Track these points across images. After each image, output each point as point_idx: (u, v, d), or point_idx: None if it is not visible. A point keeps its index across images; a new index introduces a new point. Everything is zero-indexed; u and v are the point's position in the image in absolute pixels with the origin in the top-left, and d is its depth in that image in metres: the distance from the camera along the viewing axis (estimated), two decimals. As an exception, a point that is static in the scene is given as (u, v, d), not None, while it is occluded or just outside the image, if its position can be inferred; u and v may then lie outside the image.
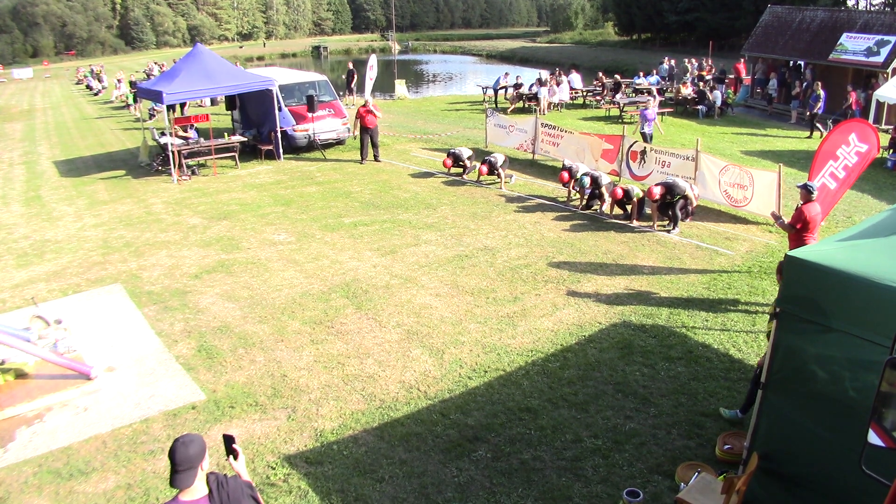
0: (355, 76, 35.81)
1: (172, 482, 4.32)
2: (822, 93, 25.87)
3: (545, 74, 34.24)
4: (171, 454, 4.29)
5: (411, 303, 11.90)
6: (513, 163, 21.55)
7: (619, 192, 15.38)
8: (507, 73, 36.46)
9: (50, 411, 9.39)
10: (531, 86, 33.61)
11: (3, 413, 9.28)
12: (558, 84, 33.09)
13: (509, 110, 31.45)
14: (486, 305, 11.68)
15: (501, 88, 35.36)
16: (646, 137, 21.92)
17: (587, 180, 16.22)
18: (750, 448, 6.72)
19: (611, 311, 11.38)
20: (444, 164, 19.90)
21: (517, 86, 34.06)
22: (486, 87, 37.00)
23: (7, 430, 9.02)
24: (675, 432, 8.20)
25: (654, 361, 9.79)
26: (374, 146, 22.50)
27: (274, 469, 7.86)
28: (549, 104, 31.84)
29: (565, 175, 16.89)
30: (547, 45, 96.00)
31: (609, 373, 9.53)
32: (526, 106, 32.44)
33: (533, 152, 21.86)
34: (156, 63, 55.87)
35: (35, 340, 10.15)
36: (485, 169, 18.70)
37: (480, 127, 25.78)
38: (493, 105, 33.56)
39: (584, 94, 34.57)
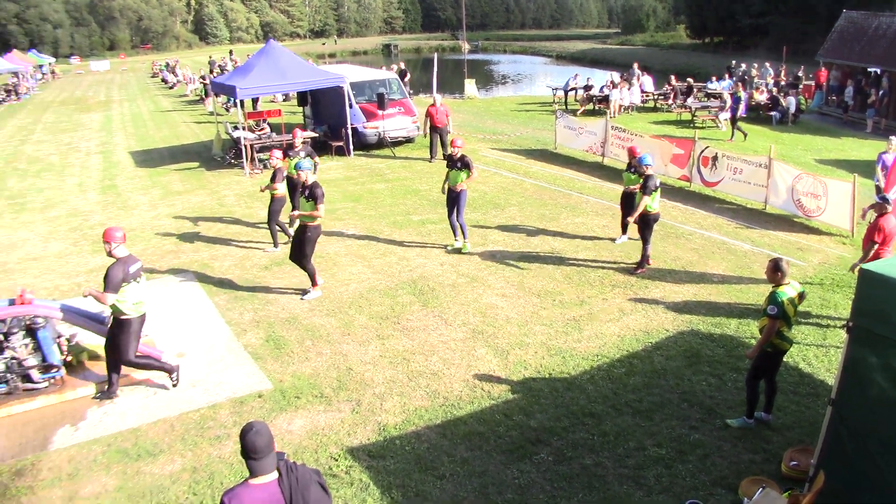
0: (408, 75, 35.66)
1: (255, 470, 4.47)
2: (742, 95, 25.96)
3: (616, 76, 33.88)
4: (250, 443, 4.42)
5: (477, 302, 11.92)
6: (581, 165, 21.45)
7: None
8: (577, 75, 36.23)
9: (121, 393, 9.62)
10: (601, 88, 33.33)
11: (76, 392, 9.57)
12: (629, 87, 32.74)
13: (579, 112, 31.25)
14: (552, 308, 11.64)
15: (571, 90, 35.15)
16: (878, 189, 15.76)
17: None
18: (817, 466, 6.58)
19: (678, 318, 11.23)
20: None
21: (587, 87, 33.80)
22: (556, 89, 36.75)
23: (78, 409, 9.30)
24: (741, 445, 8.06)
25: (722, 372, 9.64)
26: (443, 145, 22.49)
27: (337, 461, 7.95)
28: (620, 107, 31.53)
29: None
30: (618, 46, 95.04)
31: (675, 381, 9.41)
32: (596, 108, 32.19)
33: (602, 155, 21.69)
34: (230, 55, 56.70)
35: (109, 324, 10.41)
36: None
37: (550, 128, 25.67)
38: (563, 107, 33.32)
39: (655, 97, 34.16)
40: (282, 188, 14.34)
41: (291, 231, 14.73)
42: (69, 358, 10.23)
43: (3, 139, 33.38)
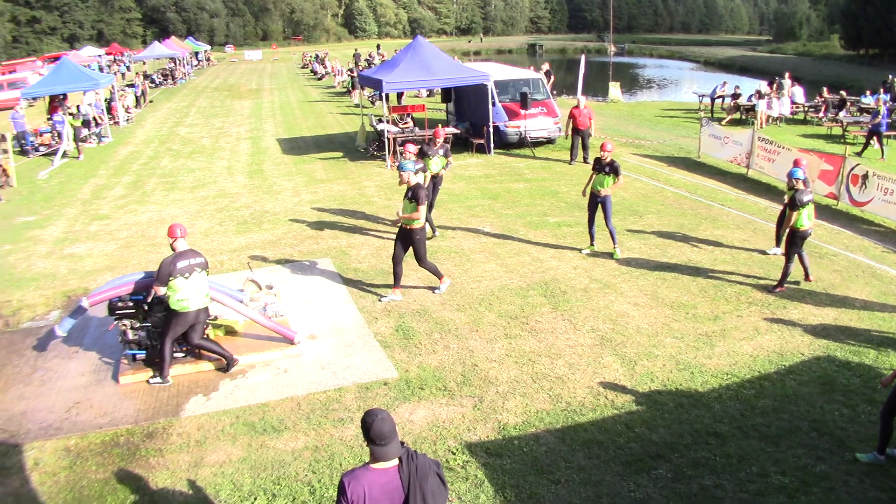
0: (552, 77, 35.40)
1: (378, 455, 4.55)
2: (883, 109, 24.39)
3: (764, 86, 32.74)
4: (376, 429, 4.49)
5: (608, 309, 11.76)
6: (725, 176, 20.87)
7: None
8: (725, 82, 35.24)
9: (253, 368, 10.07)
10: (750, 97, 32.27)
11: (211, 364, 10.07)
12: (779, 97, 31.54)
13: (725, 121, 30.34)
14: (684, 321, 11.37)
15: (718, 97, 34.20)
16: None
17: None
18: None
19: (815, 342, 10.75)
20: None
21: (735, 96, 32.75)
22: (703, 96, 35.88)
23: (212, 381, 9.78)
24: (869, 482, 7.62)
25: (856, 403, 9.16)
26: (584, 148, 22.35)
27: (454, 454, 8.03)
28: (768, 117, 30.43)
29: None
30: (768, 54, 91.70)
31: (806, 408, 9.01)
32: (743, 118, 31.23)
33: (747, 167, 21.01)
34: (377, 49, 57.96)
35: (247, 302, 10.85)
36: None
37: (694, 136, 25.08)
38: (709, 114, 32.45)
39: (806, 109, 32.78)
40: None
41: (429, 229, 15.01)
42: (207, 331, 10.75)
43: (159, 121, 35.28)
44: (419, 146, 15.24)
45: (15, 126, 26.92)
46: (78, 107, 29.55)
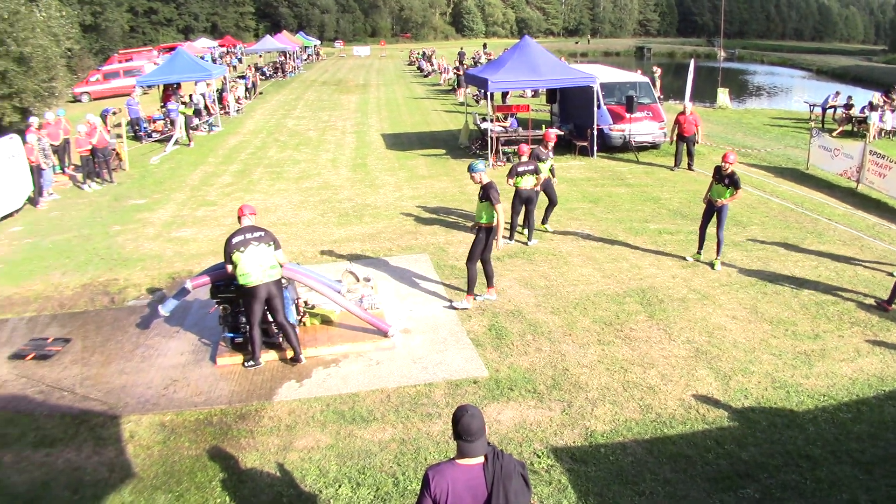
0: (659, 81, 34.71)
1: (464, 451, 4.57)
2: None
3: (878, 97, 31.51)
4: (465, 425, 4.52)
5: (705, 321, 11.53)
6: (833, 189, 20.22)
7: None
8: (837, 93, 34.11)
9: (346, 358, 10.28)
10: (862, 108, 31.09)
11: (306, 352, 10.28)
12: (892, 109, 30.25)
13: (836, 132, 29.32)
14: (783, 337, 11.03)
15: (830, 108, 33.10)
16: None
17: None
18: None
19: (919, 368, 10.33)
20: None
21: (847, 106, 31.57)
22: (814, 105, 34.79)
23: (305, 368, 10.03)
24: (965, 517, 7.31)
25: (958, 433, 8.80)
26: (690, 155, 21.91)
27: (539, 458, 8.02)
28: (880, 130, 29.22)
29: None
30: (884, 65, 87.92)
31: (904, 436, 8.69)
32: (855, 130, 30.13)
33: (857, 181, 20.28)
34: (484, 48, 58.17)
35: (344, 293, 11.06)
36: None
37: (803, 147, 24.40)
38: (820, 125, 31.45)
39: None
40: (526, 182, 14.53)
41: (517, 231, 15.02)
42: (304, 319, 11.03)
43: (267, 112, 36.22)
44: (532, 148, 15.24)
45: (130, 112, 28.09)
46: (191, 96, 30.56)
